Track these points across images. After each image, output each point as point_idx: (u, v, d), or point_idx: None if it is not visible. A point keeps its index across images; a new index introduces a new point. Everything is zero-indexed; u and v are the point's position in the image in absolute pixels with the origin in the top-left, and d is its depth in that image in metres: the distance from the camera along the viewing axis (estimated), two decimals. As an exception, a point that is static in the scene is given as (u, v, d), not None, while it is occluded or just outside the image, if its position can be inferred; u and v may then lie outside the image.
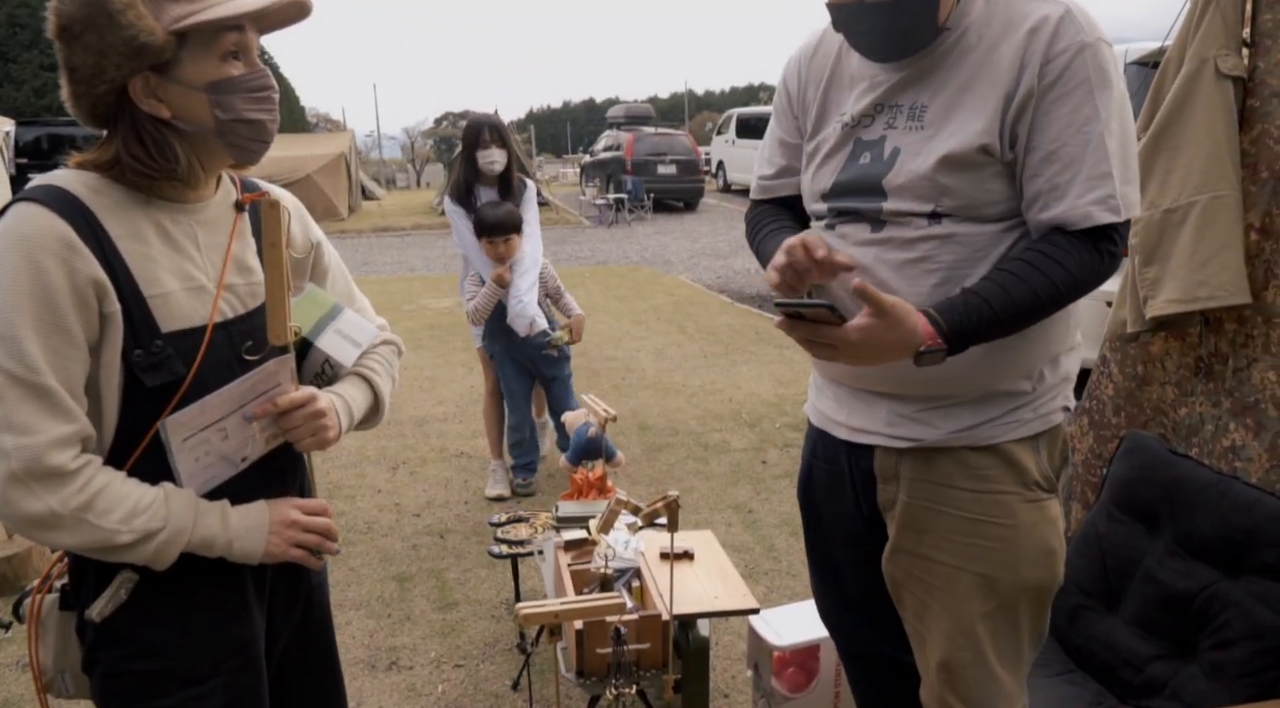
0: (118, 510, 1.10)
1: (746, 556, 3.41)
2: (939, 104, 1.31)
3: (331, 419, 1.28)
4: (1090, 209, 1.23)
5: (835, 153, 1.43)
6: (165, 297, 1.15)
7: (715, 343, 6.98)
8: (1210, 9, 2.16)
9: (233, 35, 1.13)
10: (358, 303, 1.49)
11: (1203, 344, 2.32)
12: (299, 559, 1.27)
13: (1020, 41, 1.25)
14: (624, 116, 25.03)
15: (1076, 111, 1.23)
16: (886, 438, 1.43)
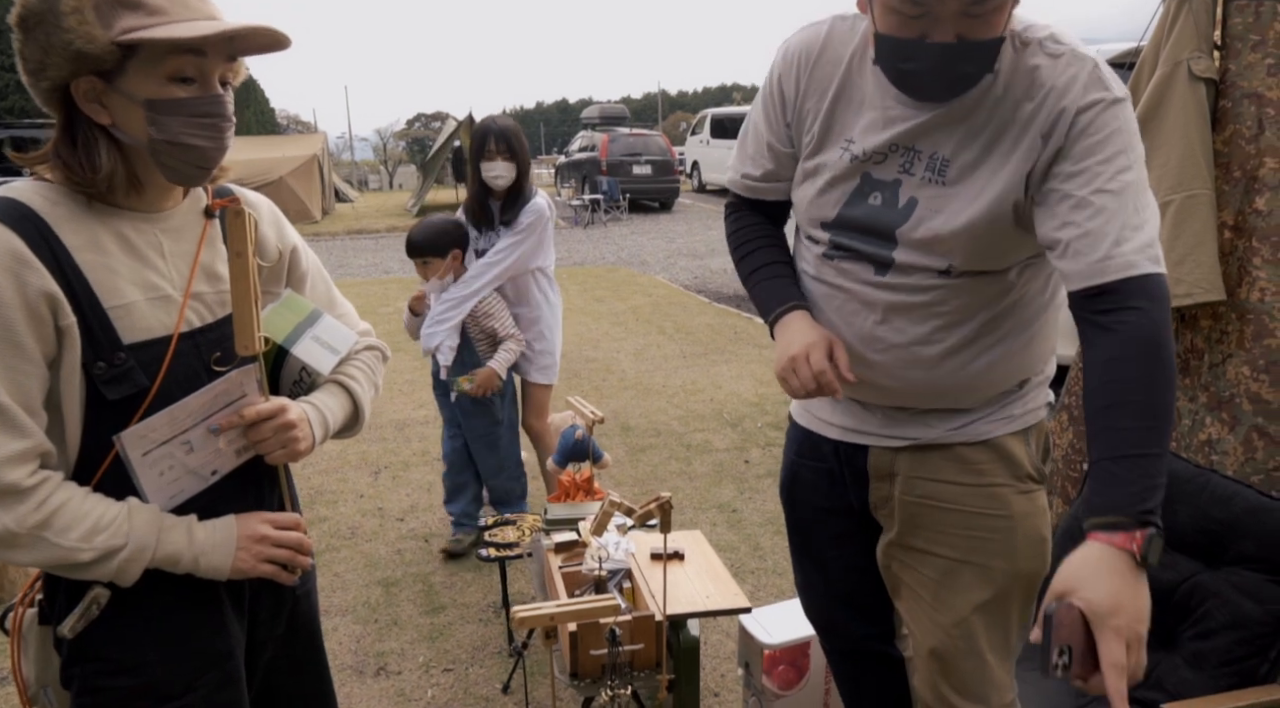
0: (77, 528, 1.08)
1: (732, 555, 3.43)
2: (962, 161, 1.25)
3: (303, 431, 1.25)
4: (1133, 257, 1.13)
5: (840, 183, 1.35)
6: (127, 307, 1.12)
7: (694, 343, 7.00)
8: (1183, 13, 2.21)
9: (185, 58, 1.09)
10: (339, 308, 1.46)
11: (1178, 340, 2.37)
12: (269, 575, 1.25)
13: (1048, 104, 1.20)
14: (599, 117, 25.03)
15: (1109, 161, 1.17)
16: (882, 438, 1.45)
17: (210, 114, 1.13)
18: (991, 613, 1.43)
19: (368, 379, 1.43)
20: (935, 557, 1.44)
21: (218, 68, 1.13)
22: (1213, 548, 1.83)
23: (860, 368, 1.37)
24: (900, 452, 1.44)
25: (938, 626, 1.45)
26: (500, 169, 3.16)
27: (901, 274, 1.32)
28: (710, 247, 13.18)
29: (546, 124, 74.08)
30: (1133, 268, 1.13)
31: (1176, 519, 1.89)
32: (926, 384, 1.38)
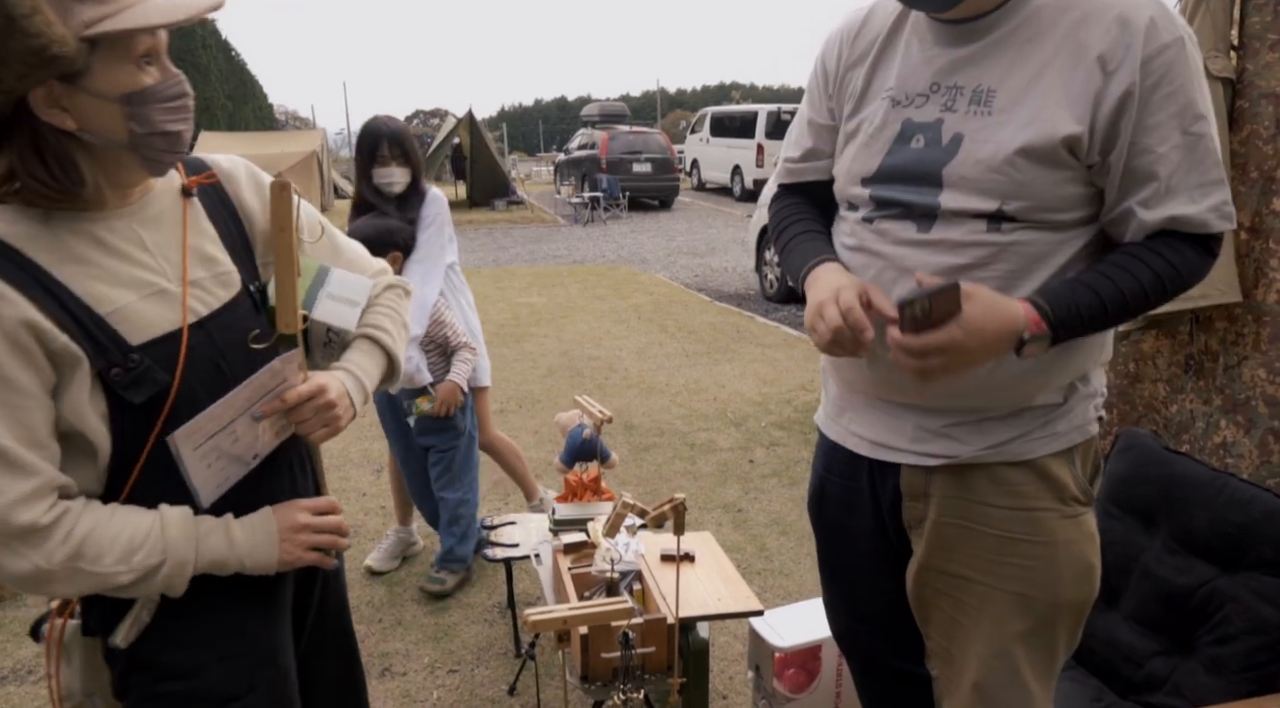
0: (111, 552, 1.06)
1: (738, 556, 3.41)
2: (1010, 89, 1.20)
3: (343, 405, 1.23)
4: (1208, 216, 1.17)
5: (880, 133, 1.31)
6: (122, 311, 1.08)
7: (697, 342, 6.98)
8: (1200, 12, 2.19)
9: (146, 39, 1.03)
10: (346, 255, 1.39)
11: (1193, 342, 2.35)
12: (314, 561, 1.25)
13: (1111, 33, 1.14)
14: (598, 115, 25.00)
15: (1185, 111, 1.14)
16: (915, 456, 1.35)
17: (179, 95, 1.08)
18: (1035, 643, 1.34)
19: (395, 324, 1.38)
20: (973, 584, 1.35)
21: (166, 43, 1.08)
22: (1230, 552, 1.81)
23: (885, 348, 1.25)
24: (935, 472, 1.34)
25: (978, 658, 1.35)
26: (396, 175, 2.95)
27: (946, 226, 1.24)
28: (710, 245, 13.16)
29: (546, 122, 73.98)
30: (1208, 226, 1.18)
31: (1193, 523, 1.88)
32: (968, 376, 1.26)
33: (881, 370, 1.33)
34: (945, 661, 1.43)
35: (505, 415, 5.23)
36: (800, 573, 3.28)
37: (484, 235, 15.43)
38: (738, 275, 10.46)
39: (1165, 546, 1.93)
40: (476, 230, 16.21)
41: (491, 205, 19.36)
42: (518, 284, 9.96)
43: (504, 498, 4.04)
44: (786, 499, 3.94)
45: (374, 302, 1.38)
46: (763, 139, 18.00)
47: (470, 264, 11.87)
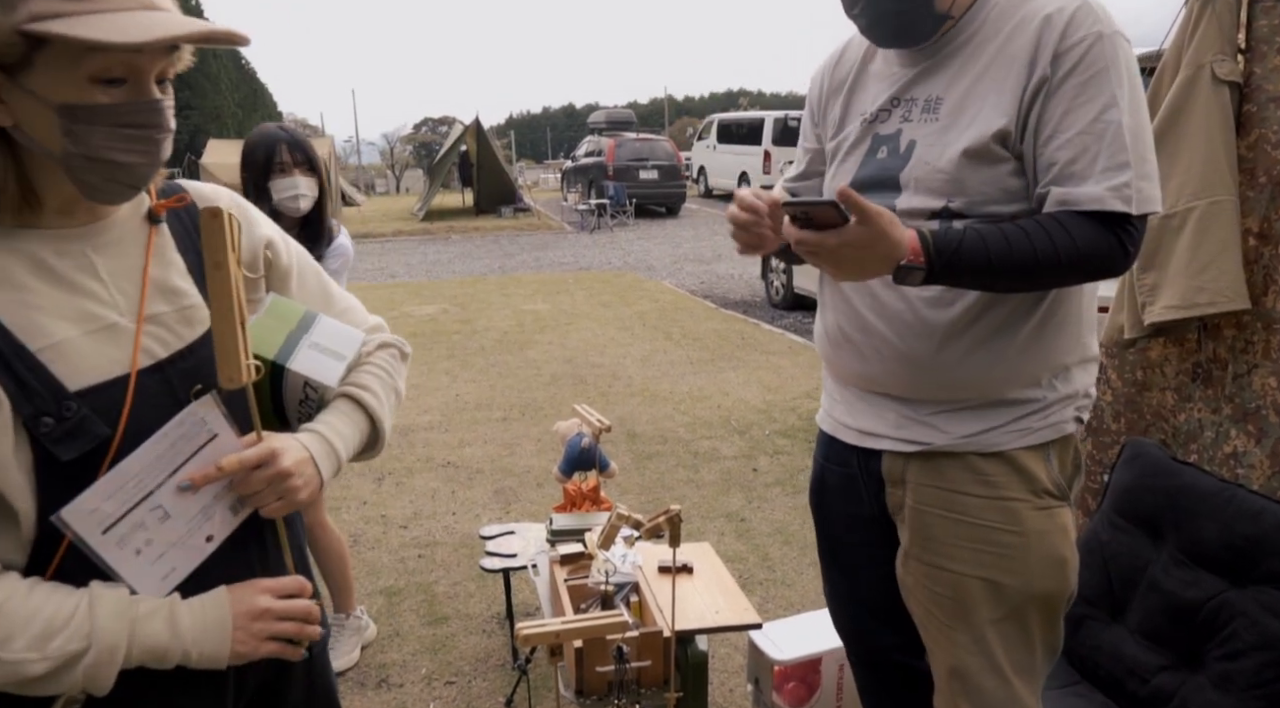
0: (23, 635, 0.87)
1: (740, 566, 3.38)
2: (954, 96, 1.31)
3: (302, 474, 1.02)
4: (1104, 194, 1.20)
5: (855, 149, 1.44)
6: (58, 347, 0.91)
7: (701, 349, 6.95)
8: (1206, 15, 2.16)
9: (113, 56, 0.86)
10: (338, 305, 1.22)
11: (1201, 350, 2.31)
12: (275, 654, 1.04)
13: (1034, 31, 1.24)
14: (605, 122, 25.02)
15: (1094, 100, 1.21)
16: (894, 442, 1.42)
17: (142, 124, 0.91)
18: (1009, 631, 1.38)
19: (385, 387, 1.19)
20: (946, 571, 1.40)
21: (155, 65, 0.91)
22: (1240, 565, 1.77)
23: (865, 338, 1.39)
24: (912, 458, 1.41)
25: (954, 643, 1.41)
26: (302, 186, 2.39)
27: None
28: (717, 252, 13.14)
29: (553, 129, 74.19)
30: (1101, 203, 1.20)
31: (1201, 535, 1.84)
32: (930, 360, 1.34)
33: (865, 364, 1.42)
34: (930, 651, 1.48)
35: (508, 423, 5.21)
36: (803, 584, 3.24)
37: (490, 242, 15.45)
38: (743, 282, 10.43)
39: (1172, 558, 1.89)
40: (483, 237, 16.24)
41: (498, 212, 19.41)
42: (523, 291, 9.95)
43: (504, 507, 4.01)
44: (790, 508, 3.91)
45: (364, 359, 1.20)
46: (769, 146, 17.99)
47: (476, 271, 11.88)
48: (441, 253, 14.20)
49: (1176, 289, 2.18)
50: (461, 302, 9.34)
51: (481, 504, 4.06)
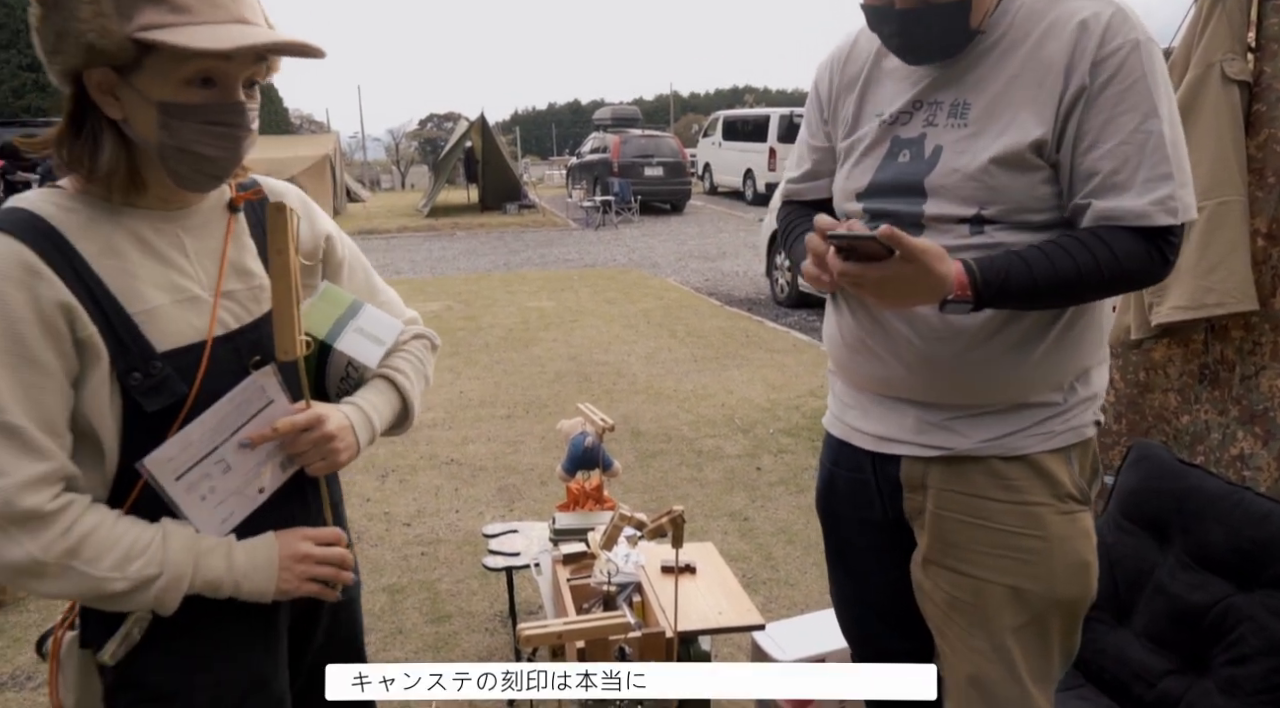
0: (109, 556, 1.02)
1: (744, 565, 3.37)
2: (984, 102, 1.27)
3: (344, 440, 1.18)
4: (1149, 209, 1.18)
5: (872, 151, 1.39)
6: (152, 312, 1.06)
7: (706, 347, 6.94)
8: (1215, 14, 2.14)
9: (208, 61, 1.01)
10: (381, 296, 1.38)
11: (1208, 351, 2.30)
12: (314, 594, 1.20)
13: (1069, 37, 1.21)
14: (610, 118, 25.01)
15: (1135, 108, 1.19)
16: (914, 447, 1.39)
17: (226, 123, 1.05)
18: (1029, 638, 1.36)
19: (417, 372, 1.36)
20: (968, 577, 1.37)
21: (244, 71, 1.05)
22: (1247, 569, 1.75)
23: (885, 342, 1.36)
24: (932, 462, 1.38)
25: (974, 650, 1.38)
26: None
27: (932, 234, 1.29)
28: (722, 249, 13.12)
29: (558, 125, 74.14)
30: (1146, 218, 1.19)
31: (1208, 538, 1.82)
32: (955, 364, 1.31)
33: (885, 368, 1.38)
34: (944, 658, 1.45)
35: (512, 421, 5.21)
36: (806, 583, 3.24)
37: (495, 239, 15.44)
38: (749, 280, 10.41)
39: (1179, 561, 1.87)
40: (488, 234, 16.24)
41: (503, 209, 19.39)
42: (528, 288, 9.95)
43: (508, 505, 4.01)
44: (794, 507, 3.90)
45: (400, 347, 1.36)
46: (775, 143, 17.95)
47: (481, 268, 11.88)
48: (446, 249, 14.20)
49: (1184, 290, 2.16)
50: (466, 298, 9.33)
51: (485, 502, 4.06)
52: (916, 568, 1.46)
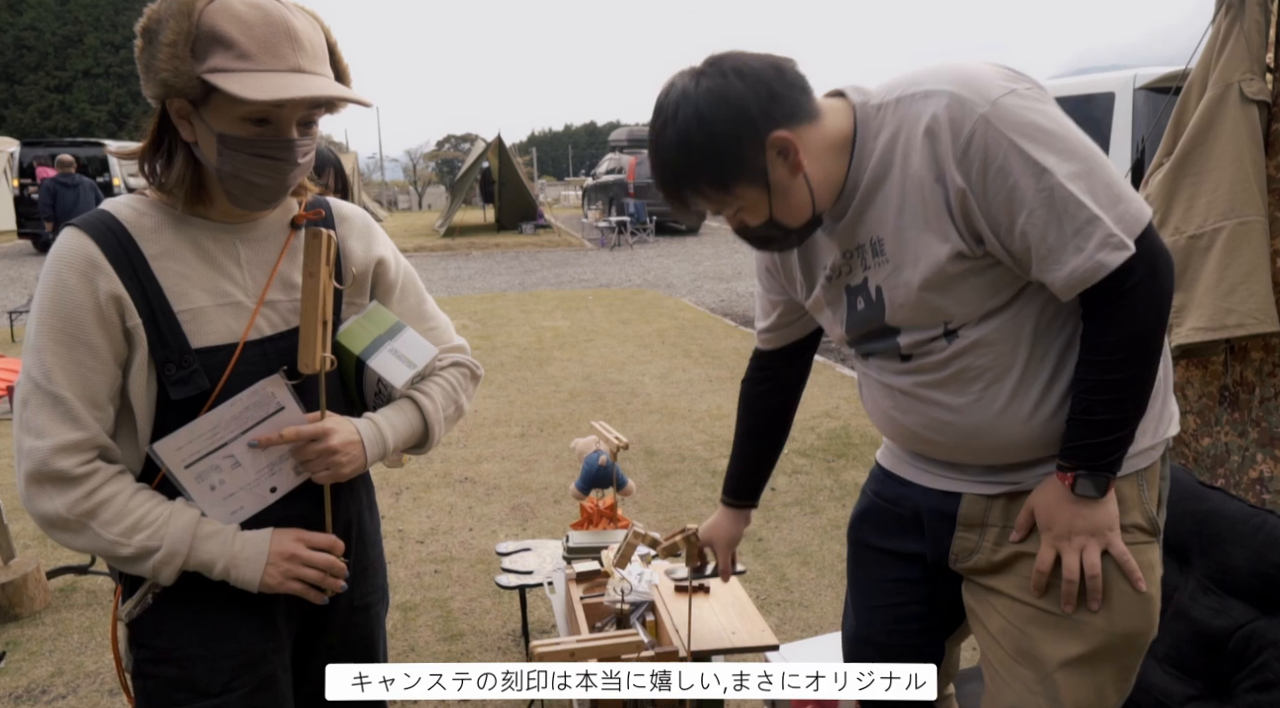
0: (120, 523, 1.15)
1: (758, 586, 3.34)
2: (889, 235, 1.25)
3: (348, 454, 1.26)
4: (1099, 260, 1.13)
5: (834, 305, 1.39)
6: (194, 312, 1.19)
7: (720, 367, 6.93)
8: (1234, 34, 2.14)
9: (259, 107, 1.12)
10: (429, 322, 1.46)
11: (1227, 373, 2.28)
12: (297, 593, 1.26)
13: (924, 149, 1.18)
14: (627, 139, 25.12)
15: (1021, 175, 1.13)
16: (978, 485, 1.36)
17: (274, 157, 1.16)
18: (1080, 672, 1.30)
19: (446, 397, 1.41)
20: (1023, 604, 1.32)
21: (296, 114, 1.16)
22: (1270, 594, 1.72)
23: (936, 448, 1.37)
24: (995, 499, 1.34)
25: (1018, 679, 1.33)
26: None
27: (918, 356, 1.30)
28: (736, 270, 13.13)
29: (574, 146, 74.62)
30: (1104, 267, 1.14)
31: (1230, 562, 1.79)
32: (1004, 443, 1.30)
33: (930, 447, 1.38)
34: (987, 681, 1.42)
35: (526, 439, 5.21)
36: (821, 605, 3.21)
37: (510, 259, 15.52)
38: (763, 300, 10.40)
39: (1200, 585, 1.85)
40: (504, 254, 16.32)
41: (519, 229, 19.51)
42: (543, 308, 9.98)
43: (522, 524, 4.00)
44: (808, 528, 3.87)
45: (435, 372, 1.42)
46: (790, 164, 17.98)
47: (496, 287, 11.94)
48: (462, 269, 14.28)
49: (1205, 311, 2.15)
50: (481, 318, 9.38)
51: (498, 520, 4.06)
52: (967, 590, 1.42)
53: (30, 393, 1.13)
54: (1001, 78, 1.17)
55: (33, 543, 3.78)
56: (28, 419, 1.13)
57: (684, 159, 1.20)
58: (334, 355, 1.27)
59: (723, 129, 1.17)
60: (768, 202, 1.23)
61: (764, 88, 1.18)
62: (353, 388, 1.38)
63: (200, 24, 1.09)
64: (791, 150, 1.20)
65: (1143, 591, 1.29)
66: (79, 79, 35.02)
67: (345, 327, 1.32)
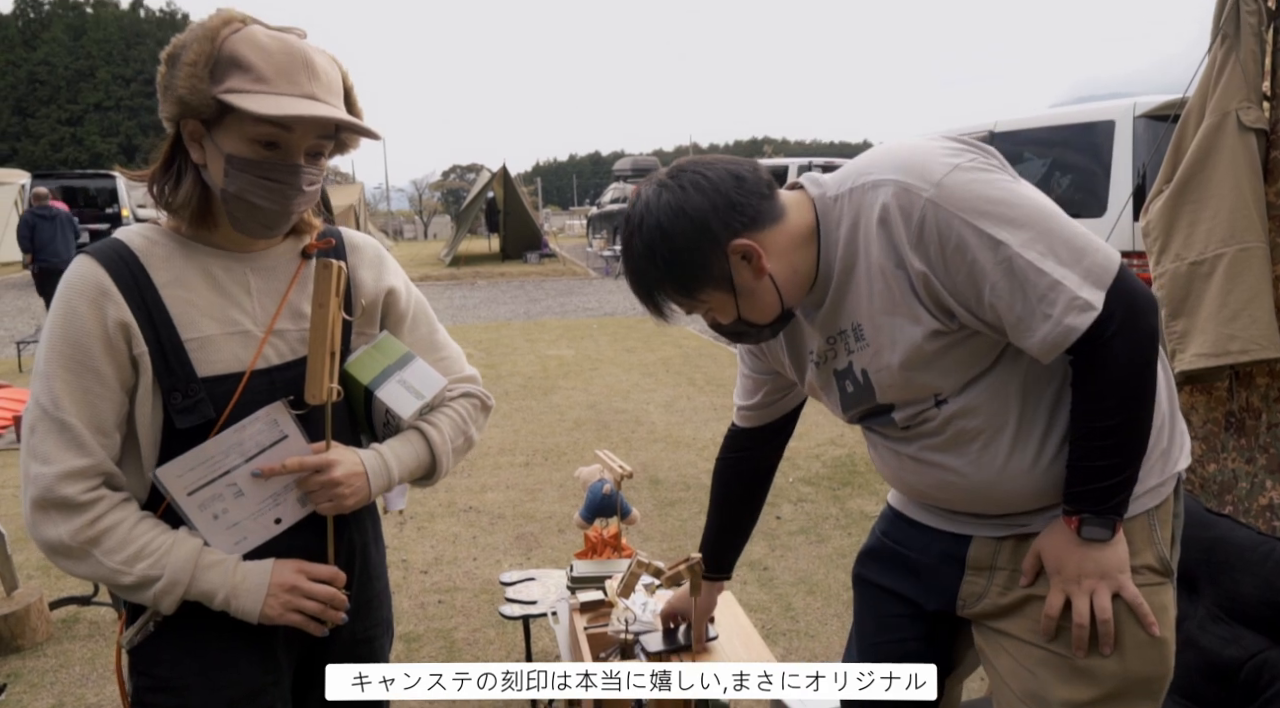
0: (123, 551, 1.14)
1: (763, 615, 3.32)
2: (865, 318, 1.27)
3: (350, 486, 1.25)
4: (1067, 324, 1.13)
5: (826, 388, 1.40)
6: (203, 340, 1.19)
7: (725, 395, 6.92)
8: (1230, 63, 2.16)
9: (272, 129, 1.13)
10: (440, 352, 1.45)
11: (1232, 399, 2.27)
12: (297, 625, 1.25)
13: (880, 239, 1.20)
14: (631, 169, 25.31)
15: (978, 250, 1.13)
16: (987, 527, 1.36)
17: (279, 180, 1.17)
18: None
19: (455, 428, 1.40)
20: (1033, 647, 1.31)
21: (305, 141, 1.17)
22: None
23: (951, 502, 1.38)
24: (1004, 541, 1.34)
25: None
26: None
27: (915, 425, 1.32)
28: (741, 298, 13.14)
29: (579, 176, 75.18)
30: (1074, 331, 1.14)
31: (1240, 590, 1.78)
32: (1012, 495, 1.30)
33: (937, 501, 1.40)
34: None
35: (530, 468, 5.20)
36: (827, 635, 3.18)
37: (515, 288, 15.58)
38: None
39: (1209, 613, 1.83)
40: (509, 283, 16.39)
41: (524, 258, 19.61)
42: (547, 336, 10.00)
43: (525, 553, 3.98)
44: (814, 558, 3.85)
45: (445, 403, 1.41)
46: (793, 193, 18.08)
47: (501, 316, 11.97)
48: (467, 298, 14.33)
49: (1207, 337, 2.15)
50: (486, 347, 9.40)
51: (502, 550, 4.04)
52: (978, 633, 1.40)
53: (38, 419, 1.13)
54: (945, 154, 1.17)
55: (36, 573, 3.77)
56: (35, 445, 1.13)
57: (650, 268, 1.23)
58: (342, 386, 1.26)
59: (683, 242, 1.20)
60: (734, 303, 1.26)
61: (722, 199, 1.21)
62: (361, 418, 1.37)
63: (222, 49, 1.12)
64: (754, 255, 1.22)
65: (1156, 634, 1.25)
66: (90, 112, 35.50)
67: (355, 356, 1.31)
